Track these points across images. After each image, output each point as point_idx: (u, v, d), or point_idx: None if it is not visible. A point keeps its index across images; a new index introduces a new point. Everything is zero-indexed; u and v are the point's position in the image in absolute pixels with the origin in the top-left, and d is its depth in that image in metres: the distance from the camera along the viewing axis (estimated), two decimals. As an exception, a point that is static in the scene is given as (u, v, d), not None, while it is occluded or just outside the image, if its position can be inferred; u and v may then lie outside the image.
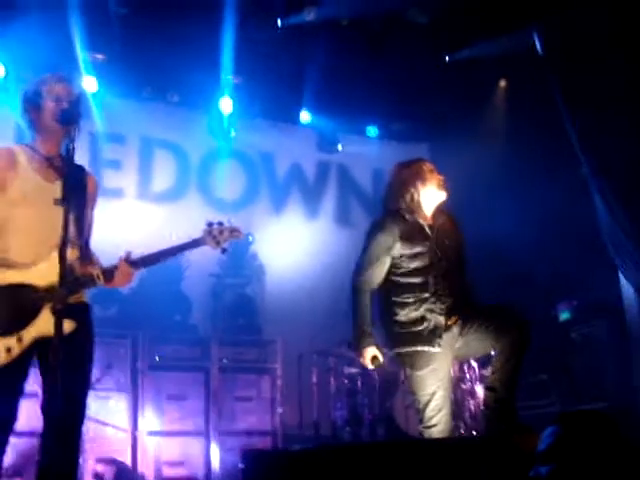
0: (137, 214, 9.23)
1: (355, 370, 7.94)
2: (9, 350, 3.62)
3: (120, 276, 3.89)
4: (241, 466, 4.06)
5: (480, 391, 6.96)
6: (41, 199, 3.73)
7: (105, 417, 7.41)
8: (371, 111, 10.08)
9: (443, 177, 4.94)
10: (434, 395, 4.57)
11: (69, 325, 3.49)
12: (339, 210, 10.56)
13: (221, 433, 7.89)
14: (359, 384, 7.84)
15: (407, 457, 3.52)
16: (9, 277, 3.71)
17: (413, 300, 4.69)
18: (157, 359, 7.87)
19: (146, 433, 7.58)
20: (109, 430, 7.43)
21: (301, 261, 9.62)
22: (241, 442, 7.90)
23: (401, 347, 4.69)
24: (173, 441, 7.77)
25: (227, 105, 9.41)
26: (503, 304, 4.83)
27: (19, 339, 3.63)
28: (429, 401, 4.58)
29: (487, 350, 4.69)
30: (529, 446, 2.76)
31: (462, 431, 7.05)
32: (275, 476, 3.55)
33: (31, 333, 3.65)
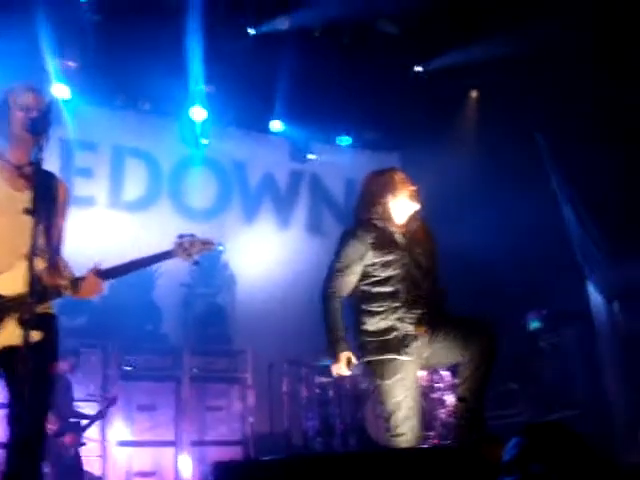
0: (108, 223, 9.18)
1: (326, 379, 7.92)
2: None
3: (88, 287, 3.84)
4: (211, 478, 4.04)
5: (450, 400, 6.99)
6: (10, 208, 3.68)
7: (75, 428, 7.39)
8: (343, 120, 10.08)
9: (415, 187, 4.93)
10: (401, 404, 4.56)
11: (35, 335, 3.45)
12: (311, 219, 10.57)
13: (192, 443, 7.88)
14: (330, 394, 7.81)
15: (376, 467, 3.53)
16: None
17: (383, 309, 4.69)
18: (128, 369, 7.84)
19: (116, 443, 7.55)
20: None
21: (272, 270, 9.62)
22: (212, 452, 7.89)
23: (370, 356, 4.69)
24: (144, 451, 7.74)
25: (199, 113, 9.37)
26: (471, 314, 4.84)
27: None
28: (396, 410, 4.57)
29: (456, 359, 4.67)
30: (495, 456, 2.78)
31: (433, 440, 7.07)
32: (245, 487, 3.53)
33: None
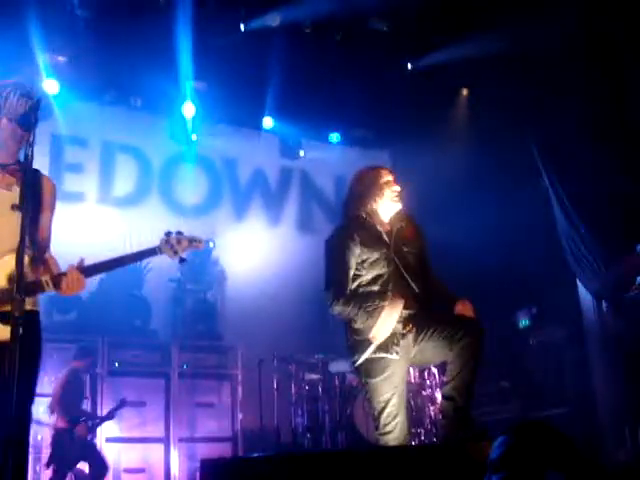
0: (98, 218, 9.16)
1: (316, 376, 7.94)
2: None
3: (69, 283, 3.79)
4: (199, 475, 4.04)
5: (440, 397, 7.00)
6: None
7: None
8: (334, 117, 10.08)
9: (399, 188, 4.92)
10: (389, 402, 4.57)
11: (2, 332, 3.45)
12: (301, 216, 10.57)
13: (181, 439, 7.87)
14: (320, 390, 7.83)
15: (363, 466, 3.54)
16: None
17: (372, 309, 4.69)
18: (116, 365, 7.83)
19: (105, 439, 7.54)
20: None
21: (262, 267, 9.61)
22: (201, 448, 7.89)
23: (359, 354, 4.69)
24: (133, 447, 7.73)
25: (190, 110, 9.34)
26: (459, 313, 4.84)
27: None
28: (384, 408, 4.57)
29: (443, 357, 4.68)
30: (482, 455, 2.79)
31: (422, 437, 7.08)
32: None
33: None
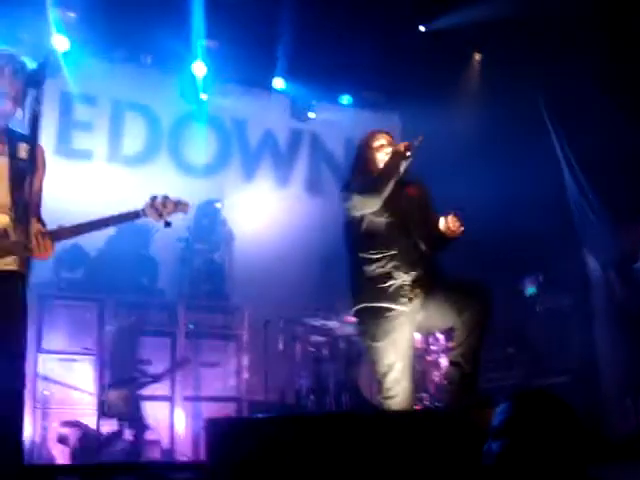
0: (107, 177, 9.13)
1: (322, 339, 7.97)
2: None
3: (34, 247, 3.76)
4: (204, 434, 4.08)
5: (445, 363, 7.02)
6: None
7: (71, 381, 7.43)
8: (345, 79, 9.99)
9: (391, 149, 4.86)
10: (393, 366, 4.55)
11: None
12: (310, 178, 10.51)
13: (187, 398, 7.92)
14: (325, 352, 7.87)
15: (365, 429, 3.56)
16: None
17: (380, 256, 4.67)
18: (124, 323, 7.86)
19: (111, 397, 7.59)
20: (75, 394, 7.45)
21: (270, 228, 9.58)
22: (207, 407, 7.94)
23: (365, 302, 4.67)
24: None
25: (200, 69, 9.28)
26: (466, 277, 4.84)
27: None
28: (387, 372, 4.56)
29: (450, 323, 4.67)
30: (485, 421, 2.80)
31: (426, 402, 7.12)
32: (238, 444, 3.56)
33: None
